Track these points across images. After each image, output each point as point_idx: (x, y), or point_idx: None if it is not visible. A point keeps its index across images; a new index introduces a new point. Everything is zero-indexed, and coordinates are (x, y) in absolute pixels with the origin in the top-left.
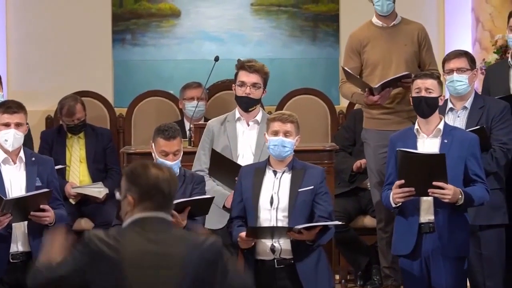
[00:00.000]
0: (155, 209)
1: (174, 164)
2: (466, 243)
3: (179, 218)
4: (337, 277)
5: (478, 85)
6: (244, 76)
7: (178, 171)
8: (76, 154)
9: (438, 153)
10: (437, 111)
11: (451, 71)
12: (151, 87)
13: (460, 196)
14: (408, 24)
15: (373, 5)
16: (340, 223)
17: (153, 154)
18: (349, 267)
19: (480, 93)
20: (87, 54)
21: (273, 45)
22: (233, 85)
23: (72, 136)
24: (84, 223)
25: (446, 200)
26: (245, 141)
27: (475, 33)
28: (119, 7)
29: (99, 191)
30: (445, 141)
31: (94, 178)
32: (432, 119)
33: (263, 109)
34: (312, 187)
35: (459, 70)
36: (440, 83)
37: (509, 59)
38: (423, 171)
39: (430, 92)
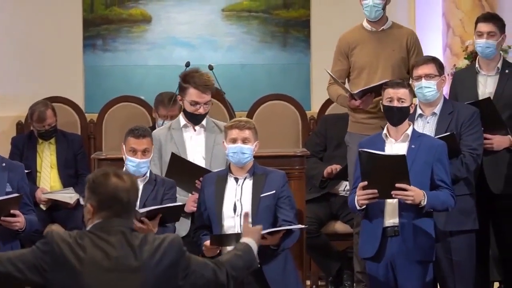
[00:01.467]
0: (113, 217)
1: (142, 162)
2: (430, 247)
3: (150, 225)
4: (308, 282)
5: (447, 91)
6: (197, 97)
7: (148, 172)
8: (47, 159)
9: (399, 154)
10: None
11: (419, 77)
12: (122, 93)
13: (423, 198)
14: (398, 29)
15: (362, 9)
16: (303, 226)
17: (123, 156)
18: (320, 273)
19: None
20: (58, 60)
21: (244, 51)
22: (179, 95)
23: (43, 141)
24: (55, 229)
25: (409, 202)
26: (194, 146)
27: (446, 39)
28: (90, 13)
29: (70, 196)
30: (412, 146)
31: (65, 184)
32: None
33: (234, 112)
34: (274, 191)
35: (428, 76)
36: (412, 91)
37: (477, 65)
38: (385, 173)
39: (402, 102)
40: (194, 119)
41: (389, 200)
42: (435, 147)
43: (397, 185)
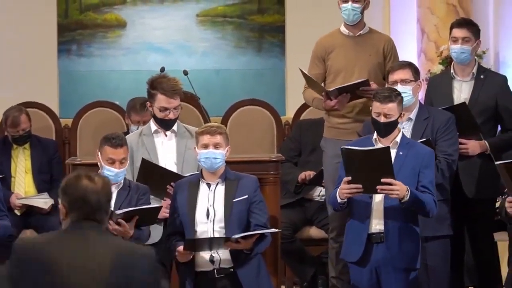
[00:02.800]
0: (83, 218)
1: (120, 172)
2: (415, 255)
3: (127, 227)
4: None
5: (422, 96)
6: (165, 103)
7: (122, 181)
8: (22, 165)
9: (382, 146)
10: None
11: (395, 83)
12: (97, 98)
13: (406, 193)
14: (376, 35)
15: (341, 12)
16: (276, 230)
17: (99, 163)
18: (295, 278)
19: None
20: (33, 65)
21: (218, 56)
22: (148, 102)
23: (18, 147)
24: (30, 234)
25: (394, 196)
26: (165, 151)
27: (421, 44)
28: (64, 18)
29: (44, 202)
30: (401, 153)
31: (40, 189)
32: None
33: (209, 118)
34: (246, 196)
35: (403, 81)
36: (401, 102)
37: (452, 71)
38: (369, 168)
39: (389, 117)
40: (165, 124)
41: (375, 205)
42: (423, 155)
43: (383, 180)
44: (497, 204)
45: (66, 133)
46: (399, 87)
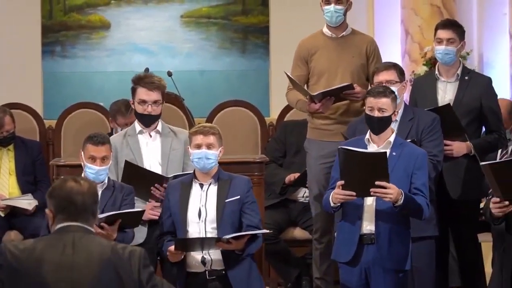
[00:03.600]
0: (68, 220)
1: (101, 169)
2: (405, 256)
3: (110, 230)
4: None
5: (407, 97)
6: (144, 95)
7: (106, 179)
8: (6, 166)
9: (380, 151)
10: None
11: (380, 84)
12: (81, 99)
13: (400, 197)
14: (358, 36)
15: (323, 14)
16: (268, 231)
17: (82, 163)
18: (279, 279)
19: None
20: (17, 66)
21: (203, 57)
22: (131, 100)
23: (1, 148)
24: (14, 235)
25: (388, 200)
26: (150, 152)
27: (405, 45)
28: (48, 19)
29: (28, 203)
30: (394, 153)
31: (24, 190)
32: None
33: (193, 118)
34: (239, 197)
35: (388, 82)
36: (395, 99)
37: (436, 72)
38: (364, 170)
39: (383, 112)
40: (145, 120)
41: (367, 206)
42: (416, 156)
43: (377, 182)
44: (482, 205)
45: (50, 134)
46: None
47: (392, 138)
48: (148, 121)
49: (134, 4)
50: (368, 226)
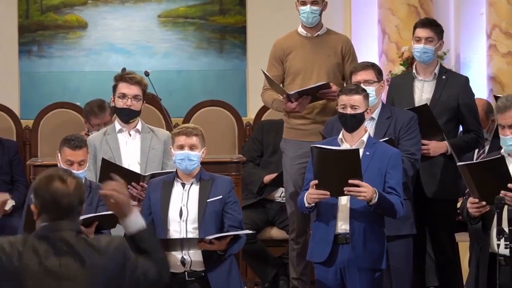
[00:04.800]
0: (55, 220)
1: (79, 173)
2: (380, 256)
3: (86, 232)
4: None
5: (384, 97)
6: (125, 88)
7: (83, 182)
8: None
9: (352, 148)
10: (362, 124)
11: (358, 83)
12: (58, 99)
13: (374, 195)
14: (333, 36)
15: (299, 15)
16: (250, 231)
17: (58, 164)
18: (256, 279)
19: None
20: None
21: (180, 57)
22: (112, 97)
23: None
24: None
25: (362, 198)
26: (129, 151)
27: (382, 45)
28: (25, 19)
29: None
30: (367, 153)
31: (0, 190)
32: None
33: (170, 119)
34: (221, 196)
35: (366, 82)
36: (367, 97)
37: (414, 71)
38: (338, 168)
39: (355, 109)
40: (124, 113)
41: (341, 206)
42: (390, 155)
43: (350, 181)
44: (459, 205)
45: (27, 134)
46: None
47: (365, 138)
48: (127, 115)
49: (111, 4)
50: (342, 226)
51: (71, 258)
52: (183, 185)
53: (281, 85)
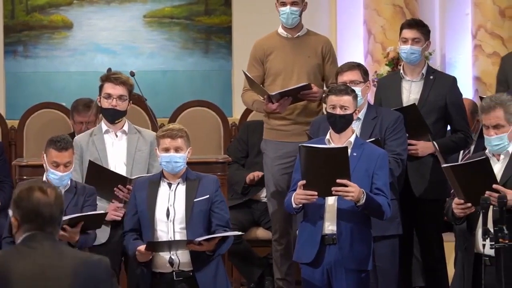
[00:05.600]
0: (36, 230)
1: (65, 175)
2: (367, 256)
3: (72, 232)
4: None
5: (370, 97)
6: (110, 88)
7: (69, 183)
8: None
9: (340, 146)
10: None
11: (344, 84)
12: (44, 99)
13: (362, 196)
14: (314, 37)
15: (279, 16)
16: (239, 233)
17: (44, 165)
18: (242, 279)
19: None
20: None
21: (165, 57)
22: (98, 97)
23: None
24: None
25: (349, 199)
26: (116, 152)
27: (367, 46)
28: (10, 19)
29: None
30: (354, 154)
31: None
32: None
33: (156, 119)
34: (208, 196)
35: (352, 82)
36: (356, 97)
37: (401, 71)
38: (326, 168)
39: (345, 109)
40: (109, 113)
41: (329, 206)
42: (377, 156)
43: (339, 180)
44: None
45: (12, 134)
46: None
47: (352, 138)
48: (112, 115)
49: (96, 4)
50: (330, 227)
51: (53, 270)
52: (170, 185)
53: (261, 86)
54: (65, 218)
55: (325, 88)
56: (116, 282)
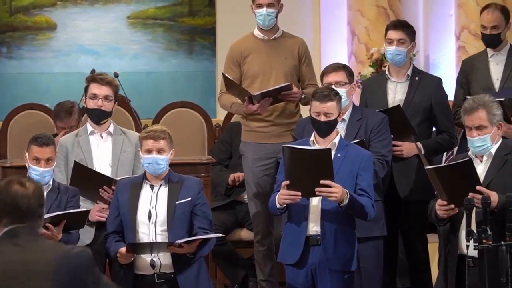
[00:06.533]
0: (14, 223)
1: (46, 171)
2: (351, 257)
3: (55, 231)
4: None
5: (355, 98)
6: (95, 89)
7: (51, 181)
8: None
9: (323, 148)
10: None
11: (329, 85)
12: (27, 100)
13: (346, 196)
14: (289, 38)
15: (255, 18)
16: (220, 235)
17: (26, 164)
18: (226, 280)
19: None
20: None
21: (149, 58)
22: (83, 98)
23: None
24: None
25: (333, 199)
26: (101, 153)
27: (351, 47)
28: None
29: None
30: (339, 155)
31: None
32: None
33: (139, 120)
34: (190, 198)
35: (338, 83)
36: (339, 100)
37: (386, 72)
38: (309, 169)
39: (329, 116)
40: (95, 113)
41: (313, 207)
42: (361, 157)
43: (322, 181)
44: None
45: None
46: None
47: (337, 140)
48: (98, 116)
49: (80, 5)
50: (314, 227)
51: (32, 258)
52: (152, 187)
53: (242, 87)
54: (47, 216)
55: (301, 89)
56: (100, 272)
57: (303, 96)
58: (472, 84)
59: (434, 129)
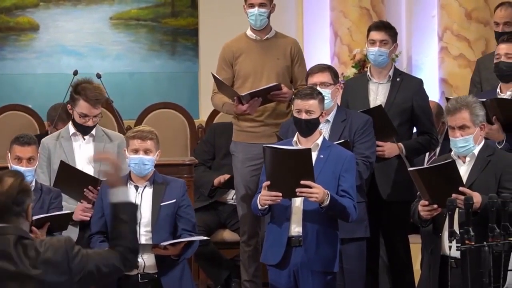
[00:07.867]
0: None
1: (27, 170)
2: (333, 258)
3: (38, 234)
4: None
5: (339, 99)
6: (87, 110)
7: (33, 181)
8: None
9: (303, 148)
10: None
11: (314, 86)
12: (10, 101)
13: (326, 197)
14: (282, 38)
15: (248, 17)
16: (205, 238)
17: (9, 164)
18: (209, 281)
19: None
20: None
21: (132, 59)
22: (69, 104)
23: None
24: None
25: (313, 200)
26: (83, 155)
27: (334, 48)
28: None
29: None
30: (321, 156)
31: None
32: None
33: (122, 121)
34: (174, 200)
35: (323, 84)
36: (322, 100)
37: (368, 73)
38: (290, 169)
39: (310, 114)
40: (82, 129)
41: (295, 208)
42: (344, 158)
43: (302, 182)
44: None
45: None
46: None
47: (319, 140)
48: (86, 130)
49: (63, 6)
50: (296, 228)
51: (7, 264)
52: (137, 187)
53: (231, 87)
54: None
55: (293, 90)
56: (84, 250)
57: (293, 96)
58: (483, 84)
59: (414, 130)
